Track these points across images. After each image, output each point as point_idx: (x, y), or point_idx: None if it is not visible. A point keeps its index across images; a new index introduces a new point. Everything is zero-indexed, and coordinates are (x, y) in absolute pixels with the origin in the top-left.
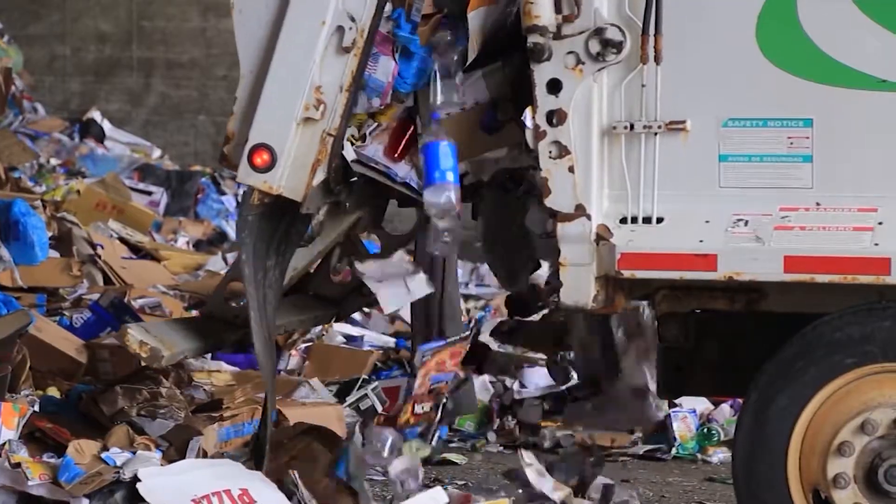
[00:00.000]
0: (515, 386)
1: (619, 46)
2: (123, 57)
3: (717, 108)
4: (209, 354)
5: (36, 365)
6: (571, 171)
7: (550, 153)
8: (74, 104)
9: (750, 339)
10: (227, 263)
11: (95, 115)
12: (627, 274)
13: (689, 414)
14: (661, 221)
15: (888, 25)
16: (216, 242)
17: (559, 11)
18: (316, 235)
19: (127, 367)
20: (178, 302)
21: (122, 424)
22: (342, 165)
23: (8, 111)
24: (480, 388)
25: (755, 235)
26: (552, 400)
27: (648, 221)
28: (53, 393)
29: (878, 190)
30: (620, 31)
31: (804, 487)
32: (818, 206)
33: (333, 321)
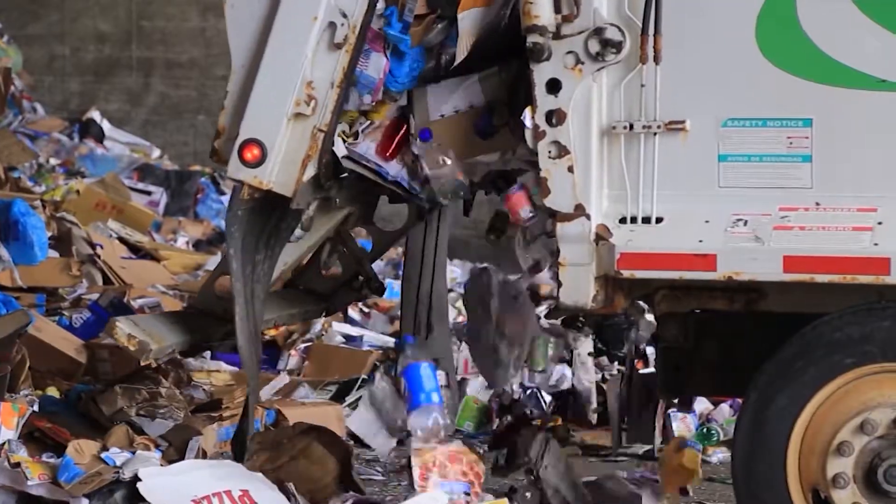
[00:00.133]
0: (515, 386)
1: (618, 46)
2: (123, 57)
3: (716, 107)
4: (208, 354)
5: (35, 365)
6: (571, 170)
7: (550, 153)
8: (74, 104)
9: (749, 339)
10: None
11: (95, 114)
12: (627, 274)
13: (688, 414)
14: (660, 221)
15: (887, 25)
16: (216, 242)
17: (558, 11)
18: (306, 231)
19: (126, 367)
20: (177, 302)
21: (121, 424)
22: (332, 161)
23: (7, 111)
24: (480, 387)
25: (754, 235)
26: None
27: (648, 221)
28: (53, 393)
29: (877, 190)
30: (620, 30)
31: (803, 487)
32: (818, 205)
33: (324, 316)
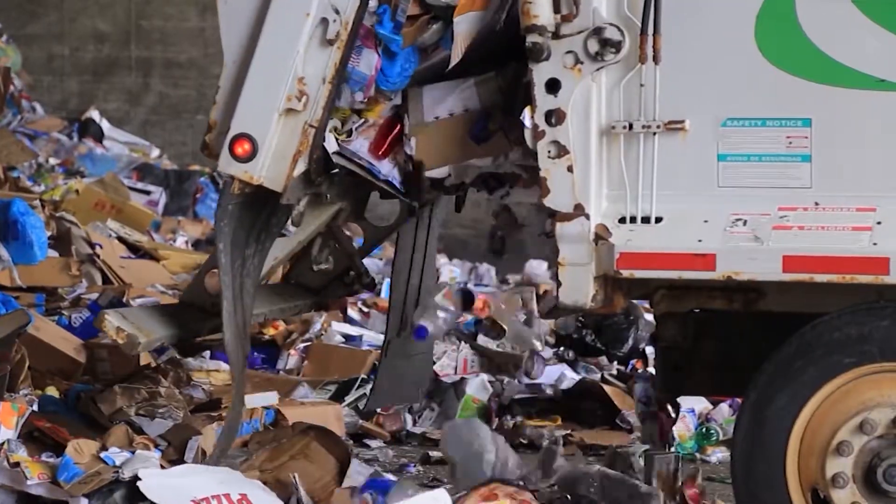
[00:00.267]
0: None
1: (617, 46)
2: (122, 56)
3: (715, 107)
4: (207, 353)
5: (35, 364)
6: (570, 170)
7: (549, 153)
8: (73, 104)
9: (748, 338)
10: None
11: (94, 114)
12: (626, 273)
13: (687, 413)
14: (659, 221)
15: (887, 25)
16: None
17: (558, 11)
18: (296, 226)
19: (126, 366)
20: (176, 301)
21: (120, 424)
22: (323, 157)
23: (6, 111)
24: (480, 387)
25: (754, 235)
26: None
27: (647, 221)
28: (52, 392)
29: (876, 189)
30: (619, 30)
31: (803, 487)
32: (817, 205)
33: (314, 311)
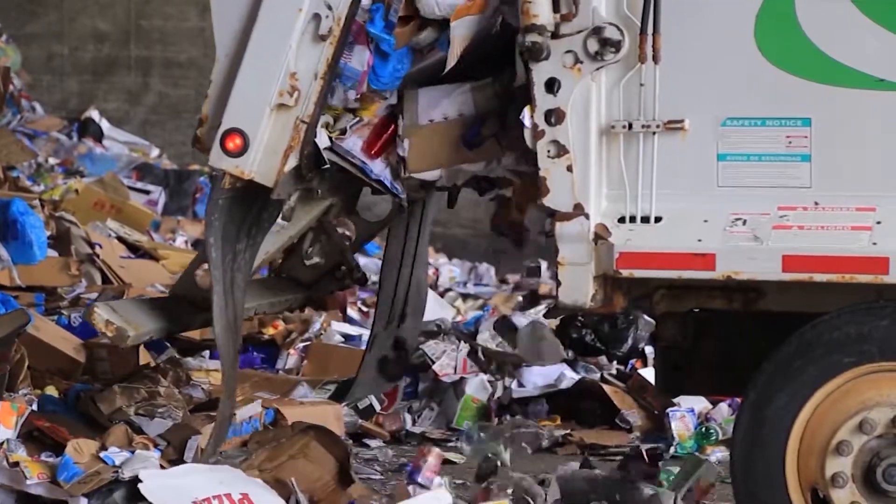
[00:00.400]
0: (514, 385)
1: (617, 45)
2: (121, 56)
3: (715, 107)
4: (207, 353)
5: (34, 364)
6: (570, 170)
7: (549, 152)
8: (72, 103)
9: (748, 338)
10: None
11: (94, 114)
12: (626, 273)
13: (687, 413)
14: (659, 221)
15: (886, 25)
16: None
17: (557, 10)
18: (287, 221)
19: (125, 366)
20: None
21: (120, 423)
22: (314, 153)
23: (6, 110)
24: (479, 387)
25: (753, 235)
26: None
27: (647, 221)
28: (52, 392)
29: (876, 189)
30: (619, 30)
31: (802, 486)
32: (816, 205)
33: (306, 305)
